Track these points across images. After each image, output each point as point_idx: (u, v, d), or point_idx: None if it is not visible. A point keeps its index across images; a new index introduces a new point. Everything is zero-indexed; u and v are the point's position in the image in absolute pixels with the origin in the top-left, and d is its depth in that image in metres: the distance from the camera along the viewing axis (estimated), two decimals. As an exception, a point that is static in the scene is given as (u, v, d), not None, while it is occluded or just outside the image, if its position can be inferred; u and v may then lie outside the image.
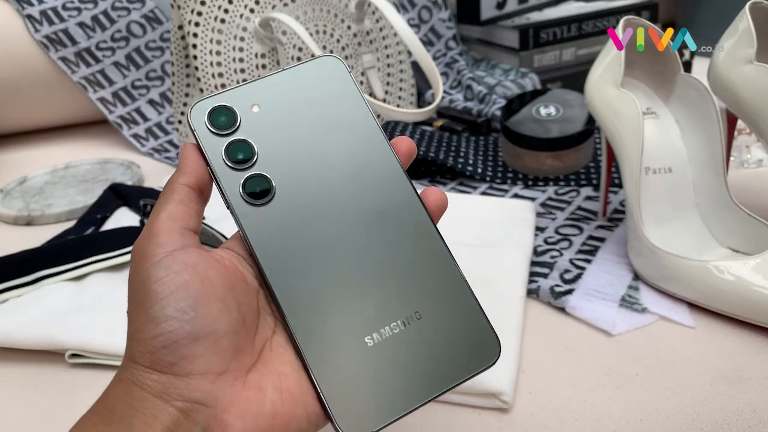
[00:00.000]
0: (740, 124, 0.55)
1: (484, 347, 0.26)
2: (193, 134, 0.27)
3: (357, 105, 0.29)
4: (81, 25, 0.86)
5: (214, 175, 0.26)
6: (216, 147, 0.26)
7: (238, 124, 0.27)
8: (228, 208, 0.26)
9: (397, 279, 0.26)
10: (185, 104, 0.74)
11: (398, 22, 0.68)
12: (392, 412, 0.24)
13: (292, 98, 0.28)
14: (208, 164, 0.26)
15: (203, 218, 0.62)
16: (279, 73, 0.28)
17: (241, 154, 0.26)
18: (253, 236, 0.26)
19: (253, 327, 0.25)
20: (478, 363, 0.26)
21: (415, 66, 0.87)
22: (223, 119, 0.27)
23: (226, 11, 0.68)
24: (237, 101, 0.27)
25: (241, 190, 0.26)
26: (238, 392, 0.23)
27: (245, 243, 0.26)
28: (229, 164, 0.26)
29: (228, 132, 0.27)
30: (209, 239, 0.45)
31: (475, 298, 0.27)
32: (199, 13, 0.66)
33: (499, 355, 0.26)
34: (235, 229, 0.27)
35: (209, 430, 0.22)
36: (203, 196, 0.27)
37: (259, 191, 0.26)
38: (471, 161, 0.69)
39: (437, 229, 0.28)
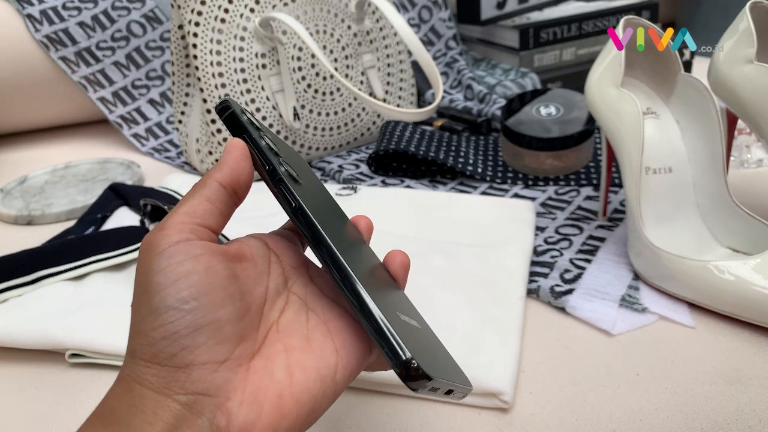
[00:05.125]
0: (740, 123, 0.55)
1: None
2: (238, 120, 0.27)
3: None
4: (81, 24, 0.86)
5: (262, 157, 0.27)
6: (257, 135, 0.28)
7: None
8: (275, 186, 0.26)
9: None
10: (185, 104, 0.74)
11: (398, 21, 0.68)
12: (442, 374, 0.24)
13: None
14: (256, 147, 0.27)
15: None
16: None
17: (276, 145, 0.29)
18: (306, 204, 0.26)
19: (257, 314, 0.25)
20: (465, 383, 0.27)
21: (415, 66, 0.87)
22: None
23: (226, 11, 0.68)
24: None
25: (285, 170, 0.27)
26: (242, 378, 0.23)
27: (295, 214, 0.26)
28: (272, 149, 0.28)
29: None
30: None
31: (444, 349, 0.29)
32: (199, 13, 0.66)
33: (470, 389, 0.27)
34: (242, 231, 0.27)
35: (215, 421, 0.21)
36: (235, 197, 0.26)
37: (295, 174, 0.28)
38: (471, 161, 0.69)
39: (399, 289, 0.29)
